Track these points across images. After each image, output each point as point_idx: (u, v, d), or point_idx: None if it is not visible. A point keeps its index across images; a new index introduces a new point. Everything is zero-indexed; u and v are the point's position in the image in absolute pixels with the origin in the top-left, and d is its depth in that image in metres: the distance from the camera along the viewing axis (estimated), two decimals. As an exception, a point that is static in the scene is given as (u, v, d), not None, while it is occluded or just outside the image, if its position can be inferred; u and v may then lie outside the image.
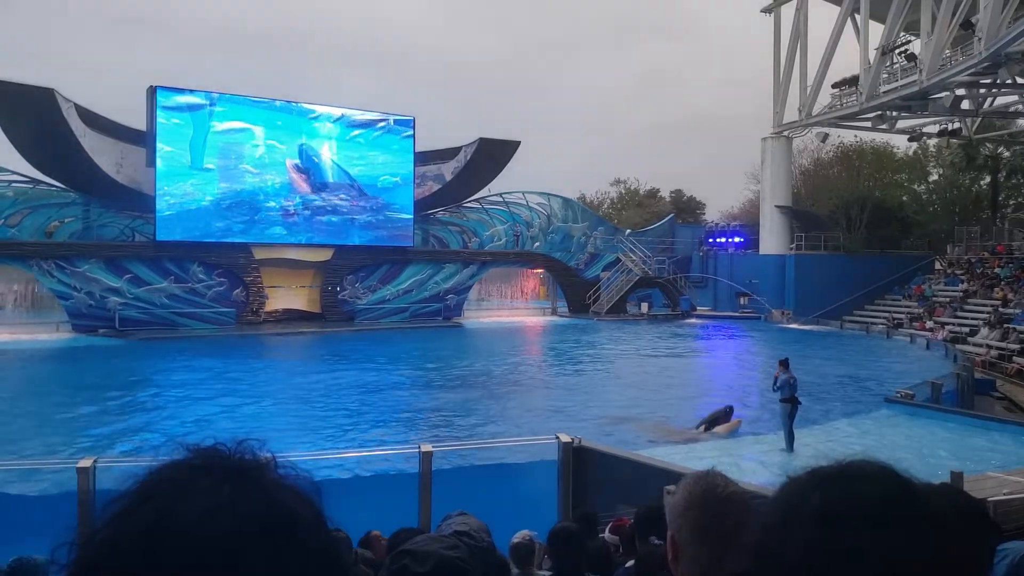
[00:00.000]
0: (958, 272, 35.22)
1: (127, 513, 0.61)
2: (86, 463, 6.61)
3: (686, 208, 66.93)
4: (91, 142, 27.34)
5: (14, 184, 27.01)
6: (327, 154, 31.93)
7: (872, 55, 32.80)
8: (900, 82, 31.10)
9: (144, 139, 28.85)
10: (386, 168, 33.06)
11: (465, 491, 7.33)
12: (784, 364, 12.41)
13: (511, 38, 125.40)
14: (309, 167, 31.50)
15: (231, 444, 0.68)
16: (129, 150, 29.00)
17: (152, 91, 28.50)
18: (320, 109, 31.92)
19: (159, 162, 28.21)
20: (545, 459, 8.01)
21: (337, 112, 32.29)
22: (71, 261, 26.87)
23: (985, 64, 25.33)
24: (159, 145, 28.24)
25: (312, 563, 0.62)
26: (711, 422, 13.19)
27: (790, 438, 11.84)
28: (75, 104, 27.12)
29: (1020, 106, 33.99)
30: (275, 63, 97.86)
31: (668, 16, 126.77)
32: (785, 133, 39.71)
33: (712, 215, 64.10)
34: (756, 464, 11.07)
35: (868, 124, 36.64)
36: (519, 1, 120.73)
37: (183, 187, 28.71)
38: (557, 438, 7.96)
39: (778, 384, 12.16)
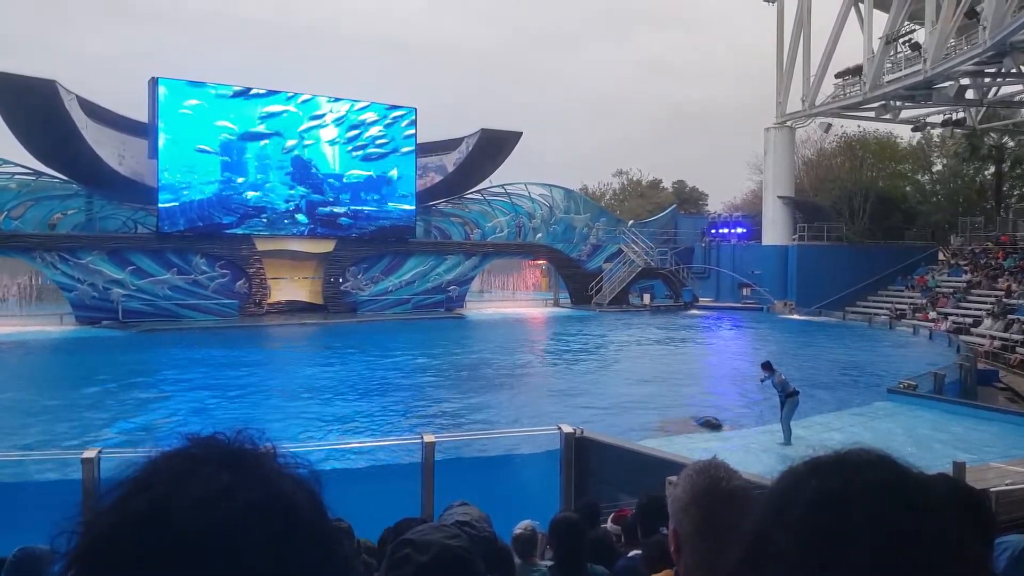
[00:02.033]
0: (962, 263, 35.16)
1: (125, 501, 0.61)
2: (91, 454, 6.63)
3: (688, 199, 66.86)
4: (93, 134, 27.34)
5: (17, 176, 27.03)
6: (329, 145, 31.89)
7: (876, 44, 32.66)
8: (904, 72, 30.98)
9: (146, 130, 28.85)
10: (388, 159, 33.01)
11: (467, 481, 7.35)
12: (768, 366, 12.38)
13: (512, 28, 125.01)
14: (311, 158, 31.48)
15: (230, 433, 0.68)
16: (131, 141, 29.00)
17: (153, 82, 28.46)
18: (322, 99, 31.85)
19: (161, 154, 28.21)
20: (547, 449, 8.02)
21: (339, 103, 32.22)
22: (74, 253, 26.91)
23: (990, 53, 25.22)
24: (161, 137, 28.23)
25: (311, 552, 0.62)
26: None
27: (788, 431, 11.86)
28: (77, 96, 27.10)
29: (1025, 96, 33.82)
30: (275, 53, 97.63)
31: (670, 5, 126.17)
32: (788, 123, 39.60)
33: (715, 206, 64.12)
34: (758, 453, 11.09)
35: (872, 114, 36.54)
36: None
37: (185, 178, 28.72)
38: (559, 428, 7.97)
39: (778, 388, 12.14)
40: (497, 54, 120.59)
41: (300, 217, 31.20)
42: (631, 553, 3.86)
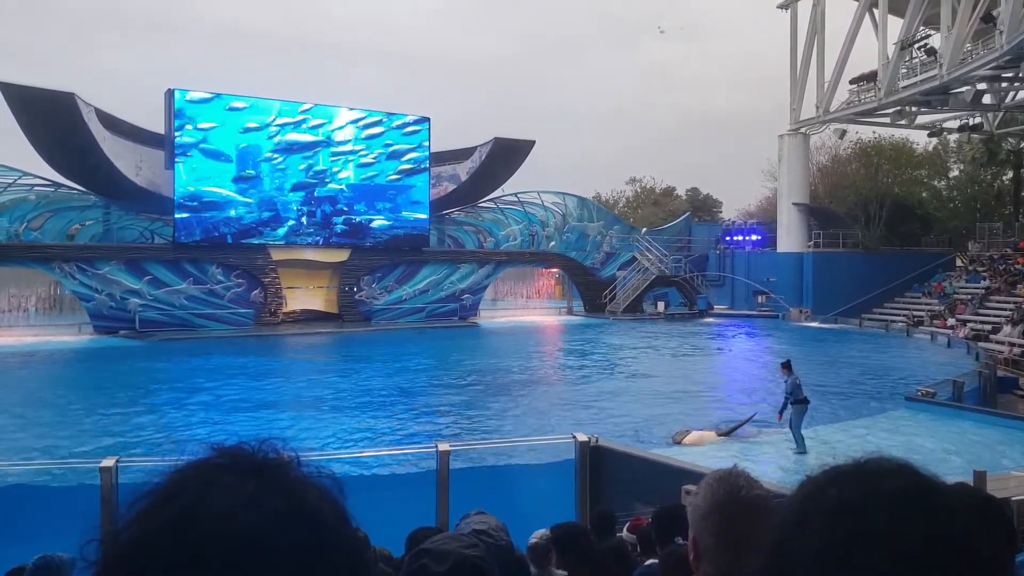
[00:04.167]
0: (980, 269, 34.78)
1: (153, 510, 0.62)
2: (109, 463, 6.68)
3: (702, 206, 66.61)
4: (111, 145, 27.68)
5: (36, 188, 27.40)
6: (343, 154, 32.09)
7: (891, 50, 32.48)
8: (920, 77, 30.78)
9: (162, 141, 29.17)
10: (402, 168, 33.19)
11: (482, 490, 7.34)
12: (787, 367, 12.25)
13: (524, 37, 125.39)
14: (326, 167, 31.69)
15: (254, 443, 0.69)
16: (148, 153, 29.33)
17: (169, 93, 28.79)
18: (336, 109, 32.09)
19: (177, 164, 28.51)
20: (562, 458, 8.00)
21: (353, 112, 32.45)
22: (92, 263, 27.21)
23: (1007, 58, 25.03)
24: (177, 147, 28.54)
25: (335, 560, 0.63)
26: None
27: (801, 439, 11.74)
28: (95, 108, 27.47)
29: (1043, 100, 33.47)
30: (287, 65, 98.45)
31: (684, 13, 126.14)
32: (802, 130, 39.42)
33: (729, 213, 63.77)
34: (772, 464, 11.01)
35: (887, 120, 36.33)
36: (531, 0, 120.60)
37: (201, 189, 28.99)
38: (574, 437, 7.95)
39: (787, 389, 12.01)
40: (509, 63, 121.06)
41: (314, 227, 31.40)
42: (647, 562, 3.84)
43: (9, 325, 27.34)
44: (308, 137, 31.19)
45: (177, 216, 28.50)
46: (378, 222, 32.66)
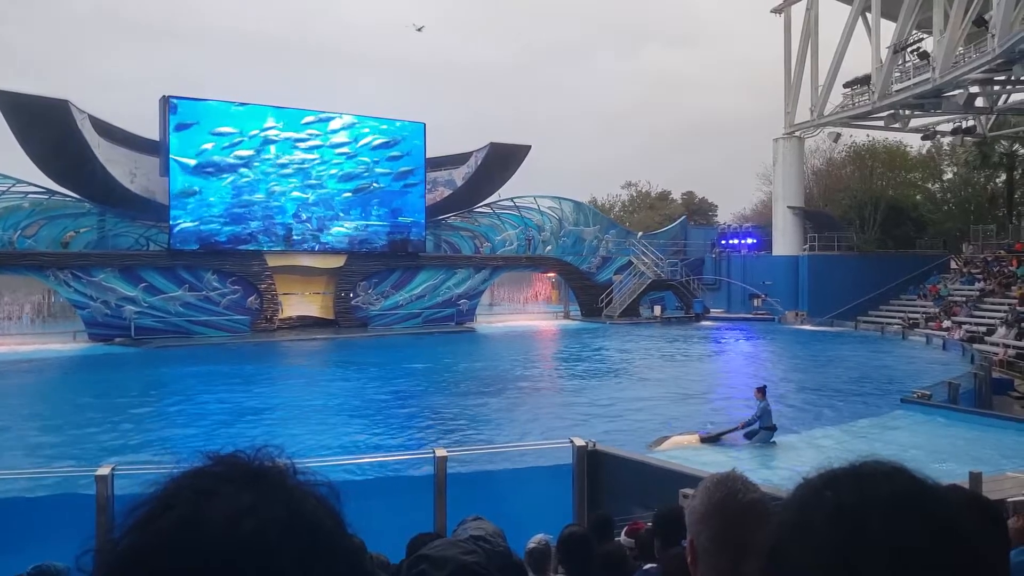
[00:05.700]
0: (974, 271, 34.90)
1: (149, 520, 0.62)
2: (104, 470, 6.64)
3: (698, 210, 66.77)
4: (105, 152, 27.64)
5: (30, 195, 27.32)
6: (339, 159, 32.07)
7: (884, 54, 32.63)
8: (913, 80, 30.91)
9: (157, 148, 29.12)
10: (397, 174, 33.18)
11: (480, 496, 7.33)
12: (762, 391, 12.45)
13: (520, 43, 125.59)
14: (321, 173, 31.66)
15: (250, 451, 0.69)
16: (143, 160, 29.29)
17: (165, 100, 28.76)
18: (332, 114, 32.08)
19: (172, 171, 28.46)
20: (559, 463, 8.00)
21: (349, 117, 32.45)
22: (87, 271, 27.14)
23: (999, 61, 25.16)
24: (172, 154, 28.49)
25: (334, 567, 0.63)
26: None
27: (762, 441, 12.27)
28: (89, 115, 27.43)
29: (1035, 103, 33.65)
30: (284, 69, 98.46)
31: (678, 19, 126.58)
32: (797, 134, 39.54)
33: (724, 217, 63.99)
34: (761, 468, 11.02)
35: (881, 123, 36.44)
36: (528, 6, 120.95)
37: (196, 195, 28.94)
38: (571, 442, 7.94)
39: (756, 413, 12.22)
40: (506, 69, 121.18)
41: (310, 232, 31.36)
42: (646, 567, 3.83)
43: (3, 333, 27.23)
44: (304, 141, 31.17)
45: (172, 223, 28.45)
46: (374, 227, 32.63)
